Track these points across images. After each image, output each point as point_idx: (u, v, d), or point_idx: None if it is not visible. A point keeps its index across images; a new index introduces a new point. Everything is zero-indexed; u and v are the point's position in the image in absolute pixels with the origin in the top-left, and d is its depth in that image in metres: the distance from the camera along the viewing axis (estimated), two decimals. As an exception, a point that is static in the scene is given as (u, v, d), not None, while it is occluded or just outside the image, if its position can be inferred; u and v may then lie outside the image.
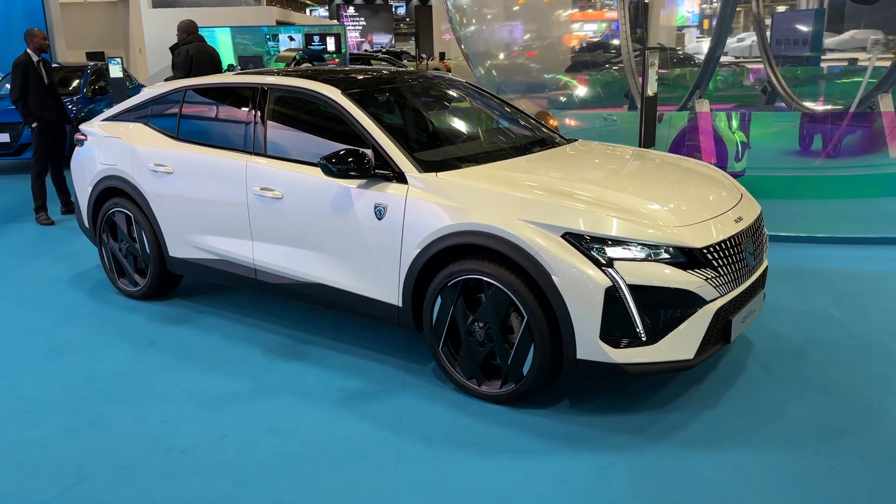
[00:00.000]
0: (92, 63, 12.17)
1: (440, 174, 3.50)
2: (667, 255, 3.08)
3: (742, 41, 25.08)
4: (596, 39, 19.29)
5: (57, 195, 7.32)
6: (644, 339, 3.04)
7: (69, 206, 7.34)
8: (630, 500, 2.68)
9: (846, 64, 14.25)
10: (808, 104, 9.64)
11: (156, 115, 4.67)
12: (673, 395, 3.42)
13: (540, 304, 3.12)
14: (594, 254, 3.03)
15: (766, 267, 3.70)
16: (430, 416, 3.30)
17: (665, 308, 3.06)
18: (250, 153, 4.08)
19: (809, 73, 12.07)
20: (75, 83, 11.10)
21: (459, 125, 4.65)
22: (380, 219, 3.55)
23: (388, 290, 3.61)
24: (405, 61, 24.72)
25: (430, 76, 4.78)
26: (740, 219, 3.44)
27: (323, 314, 4.45)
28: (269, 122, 4.09)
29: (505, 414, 3.29)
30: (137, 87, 12.25)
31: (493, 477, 2.84)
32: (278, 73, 4.33)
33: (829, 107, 9.79)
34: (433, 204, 3.40)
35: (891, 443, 3.01)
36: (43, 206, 7.11)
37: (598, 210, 3.14)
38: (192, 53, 7.52)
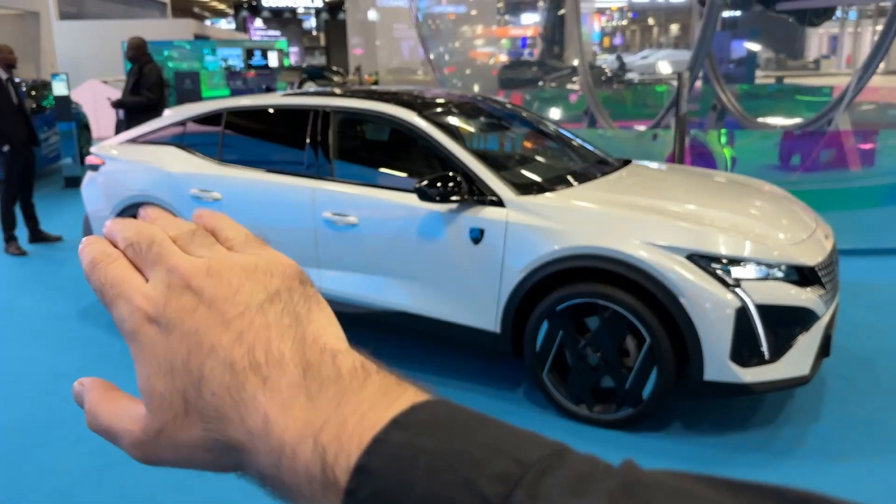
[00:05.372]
0: (29, 80, 11.37)
1: (539, 196, 3.45)
2: (780, 274, 3.13)
3: (646, 58, 26.34)
4: (503, 57, 19.59)
5: (25, 223, 6.75)
6: (767, 357, 3.08)
7: (38, 235, 6.81)
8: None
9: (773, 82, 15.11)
10: (762, 120, 10.13)
11: (191, 137, 4.39)
12: (775, 411, 3.47)
13: (664, 326, 3.11)
14: (721, 274, 3.05)
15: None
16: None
17: (786, 326, 3.12)
18: (315, 177, 3.90)
19: (749, 92, 12.72)
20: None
21: (530, 147, 4.59)
22: (476, 244, 3.45)
23: (485, 316, 3.51)
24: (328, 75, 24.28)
25: (487, 98, 4.69)
26: (827, 235, 3.55)
27: (368, 340, 4.28)
28: (336, 146, 3.91)
29: (624, 439, 3.25)
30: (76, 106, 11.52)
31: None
32: (335, 95, 4.15)
33: (782, 122, 10.30)
34: (537, 227, 3.33)
35: None
36: (14, 234, 6.54)
37: (721, 231, 3.16)
38: (158, 73, 7.37)
